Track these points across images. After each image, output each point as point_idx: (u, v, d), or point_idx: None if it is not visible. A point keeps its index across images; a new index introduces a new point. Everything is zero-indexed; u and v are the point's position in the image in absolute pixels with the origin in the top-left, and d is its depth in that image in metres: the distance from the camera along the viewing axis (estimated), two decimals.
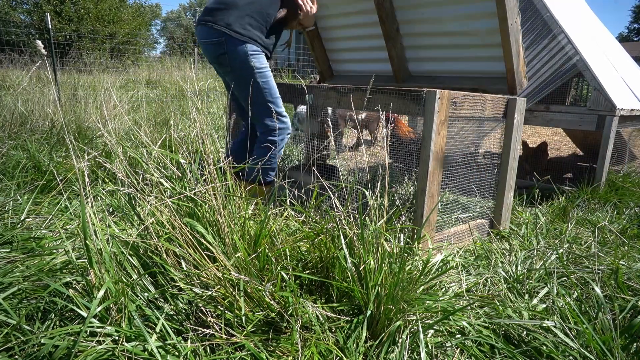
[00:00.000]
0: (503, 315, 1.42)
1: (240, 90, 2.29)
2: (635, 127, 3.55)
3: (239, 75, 2.27)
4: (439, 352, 1.29)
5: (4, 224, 1.71)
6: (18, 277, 1.29)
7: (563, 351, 1.22)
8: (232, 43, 2.21)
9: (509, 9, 2.06)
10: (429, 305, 1.35)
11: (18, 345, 1.09)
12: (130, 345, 1.10)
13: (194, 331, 1.20)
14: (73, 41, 14.95)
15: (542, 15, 3.19)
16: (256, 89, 2.25)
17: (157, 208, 1.38)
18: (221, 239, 1.38)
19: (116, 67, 10.02)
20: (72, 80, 6.59)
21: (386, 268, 1.32)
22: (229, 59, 2.25)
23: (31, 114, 4.17)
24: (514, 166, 2.33)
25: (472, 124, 2.29)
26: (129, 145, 3.10)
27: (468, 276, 1.73)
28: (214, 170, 1.46)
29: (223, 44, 2.23)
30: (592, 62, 3.09)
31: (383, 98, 1.98)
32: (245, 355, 1.16)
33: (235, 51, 2.22)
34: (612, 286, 1.60)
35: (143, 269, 1.36)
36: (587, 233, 2.32)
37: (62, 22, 16.52)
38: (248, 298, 1.27)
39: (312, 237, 1.54)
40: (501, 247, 2.10)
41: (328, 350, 1.20)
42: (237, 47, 2.21)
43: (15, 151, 3.05)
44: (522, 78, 2.29)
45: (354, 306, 1.36)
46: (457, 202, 2.28)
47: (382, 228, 1.43)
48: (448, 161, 2.00)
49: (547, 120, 3.27)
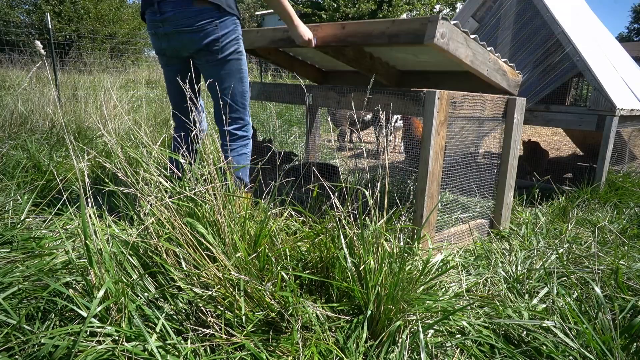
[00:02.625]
0: (503, 315, 1.42)
1: (224, 83, 1.95)
2: (635, 127, 3.55)
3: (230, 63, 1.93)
4: (439, 352, 1.29)
5: (4, 224, 1.70)
6: (18, 277, 1.29)
7: (563, 351, 1.22)
8: (225, 23, 1.86)
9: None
10: (429, 305, 1.35)
11: (18, 345, 1.09)
12: (130, 345, 1.10)
13: (194, 331, 1.20)
14: (73, 41, 14.95)
15: (542, 16, 3.20)
16: (239, 78, 1.97)
17: (157, 208, 1.38)
18: (221, 239, 1.38)
19: (116, 67, 10.02)
20: (72, 81, 6.59)
21: (386, 268, 1.32)
22: (222, 45, 1.88)
23: (31, 114, 4.17)
24: (514, 166, 2.33)
25: (472, 124, 2.29)
26: (129, 145, 3.10)
27: (468, 276, 1.73)
28: (214, 170, 1.46)
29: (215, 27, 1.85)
30: (592, 62, 3.09)
31: (383, 98, 1.98)
32: (245, 355, 1.16)
33: (229, 33, 1.88)
34: (612, 286, 1.60)
35: (143, 269, 1.36)
36: (587, 233, 2.32)
37: (62, 22, 16.52)
38: (248, 298, 1.27)
39: (312, 237, 1.54)
40: (501, 247, 2.10)
41: (328, 350, 1.20)
42: (229, 27, 1.87)
43: (15, 151, 3.05)
44: (512, 80, 2.28)
45: (354, 306, 1.36)
46: (457, 202, 2.28)
47: (382, 228, 1.43)
48: (448, 161, 2.00)
49: (547, 120, 3.27)
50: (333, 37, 2.12)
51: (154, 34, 1.97)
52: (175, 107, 2.15)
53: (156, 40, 1.98)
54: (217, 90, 1.94)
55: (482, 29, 3.60)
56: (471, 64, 1.97)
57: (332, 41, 2.13)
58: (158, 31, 1.93)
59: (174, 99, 2.14)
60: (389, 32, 1.89)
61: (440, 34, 1.76)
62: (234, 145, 2.00)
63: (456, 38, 1.85)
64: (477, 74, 2.07)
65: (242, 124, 2.04)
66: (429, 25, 1.75)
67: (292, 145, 4.04)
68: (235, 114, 2.00)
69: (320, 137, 3.31)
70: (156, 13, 1.88)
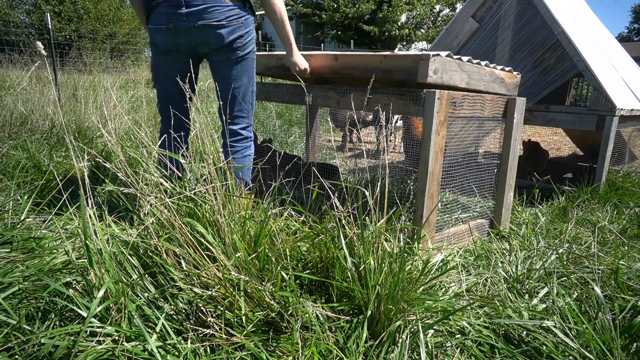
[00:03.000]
0: (503, 315, 1.42)
1: (239, 81, 1.95)
2: (635, 127, 3.55)
3: (247, 62, 1.94)
4: (439, 352, 1.29)
5: (4, 224, 1.70)
6: (18, 277, 1.29)
7: (563, 351, 1.22)
8: (249, 20, 1.86)
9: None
10: (429, 305, 1.35)
11: (18, 345, 1.09)
12: (130, 345, 1.10)
13: (194, 331, 1.20)
14: (73, 41, 14.95)
15: (542, 16, 3.19)
16: (252, 77, 1.98)
17: (157, 208, 1.38)
18: (221, 239, 1.38)
19: (116, 67, 10.02)
20: (72, 80, 6.59)
21: (386, 268, 1.32)
22: (245, 43, 1.89)
23: (31, 114, 4.17)
24: (514, 166, 2.33)
25: (472, 124, 2.29)
26: (129, 145, 3.10)
27: (468, 276, 1.73)
28: (214, 170, 1.46)
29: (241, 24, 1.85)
30: (592, 62, 3.09)
31: (383, 98, 1.98)
32: (245, 355, 1.16)
33: (250, 31, 1.88)
34: (612, 286, 1.60)
35: (143, 269, 1.36)
36: (587, 233, 2.32)
37: (62, 22, 16.52)
38: (248, 298, 1.27)
39: (312, 237, 1.54)
40: (501, 247, 2.10)
41: (328, 350, 1.20)
42: (250, 25, 1.87)
43: (15, 151, 3.05)
44: (510, 84, 2.28)
45: (354, 306, 1.36)
46: (457, 202, 2.28)
47: (382, 228, 1.43)
48: (448, 161, 2.00)
49: (547, 120, 3.27)
50: (327, 68, 2.13)
51: (172, 28, 1.87)
52: (175, 107, 2.12)
53: (171, 35, 1.89)
54: (230, 89, 1.93)
55: (482, 29, 3.60)
56: (467, 86, 1.99)
57: (327, 73, 2.14)
58: (179, 25, 1.85)
59: (174, 99, 2.07)
60: (383, 67, 1.90)
61: (433, 71, 1.77)
62: (238, 147, 1.99)
63: (449, 68, 1.86)
64: (474, 91, 2.08)
65: (248, 124, 2.04)
66: (421, 63, 1.76)
67: (292, 145, 4.04)
68: (243, 112, 2.01)
69: (320, 137, 3.31)
70: (180, 6, 1.82)
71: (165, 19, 1.86)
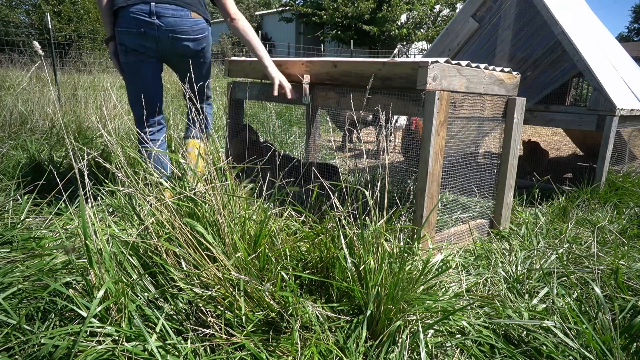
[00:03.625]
0: (503, 315, 1.42)
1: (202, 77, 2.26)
2: (635, 127, 3.55)
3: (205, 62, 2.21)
4: (439, 352, 1.29)
5: (4, 224, 1.70)
6: (18, 277, 1.29)
7: (563, 351, 1.22)
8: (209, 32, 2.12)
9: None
10: (429, 305, 1.35)
11: (18, 345, 1.09)
12: (130, 345, 1.10)
13: (194, 331, 1.20)
14: (73, 41, 14.94)
15: (542, 16, 3.19)
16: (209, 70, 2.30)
17: (157, 208, 1.38)
18: (221, 239, 1.38)
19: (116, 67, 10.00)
20: (72, 80, 6.59)
21: (386, 268, 1.32)
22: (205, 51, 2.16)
23: (31, 114, 4.17)
24: (514, 166, 2.33)
25: (472, 124, 2.29)
26: (129, 145, 3.10)
27: (468, 276, 1.73)
28: (213, 170, 1.46)
29: (205, 36, 2.10)
30: (592, 62, 3.09)
31: (383, 98, 1.98)
32: (245, 355, 1.16)
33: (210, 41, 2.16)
34: (612, 286, 1.60)
35: (143, 269, 1.36)
36: (587, 233, 2.32)
37: (62, 22, 16.52)
38: (248, 298, 1.27)
39: (312, 237, 1.54)
40: (501, 247, 2.10)
41: (328, 350, 1.20)
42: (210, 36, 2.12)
43: (15, 151, 3.05)
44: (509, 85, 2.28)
45: (354, 306, 1.36)
46: (457, 202, 2.28)
47: (382, 228, 1.43)
48: (448, 161, 2.00)
49: (547, 120, 3.27)
50: (326, 75, 2.15)
51: (143, 33, 1.97)
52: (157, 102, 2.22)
53: (141, 39, 2.00)
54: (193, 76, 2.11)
55: (482, 29, 3.60)
56: (467, 90, 1.99)
57: (326, 79, 2.16)
58: (150, 32, 1.97)
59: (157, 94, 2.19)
60: (381, 75, 1.90)
61: (432, 77, 1.77)
62: (208, 110, 2.46)
63: (449, 74, 1.86)
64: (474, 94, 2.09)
65: (209, 97, 2.47)
66: (419, 71, 1.76)
67: (292, 145, 4.04)
68: (208, 93, 2.41)
69: (320, 137, 3.31)
70: (151, 15, 1.93)
71: (136, 23, 1.97)
